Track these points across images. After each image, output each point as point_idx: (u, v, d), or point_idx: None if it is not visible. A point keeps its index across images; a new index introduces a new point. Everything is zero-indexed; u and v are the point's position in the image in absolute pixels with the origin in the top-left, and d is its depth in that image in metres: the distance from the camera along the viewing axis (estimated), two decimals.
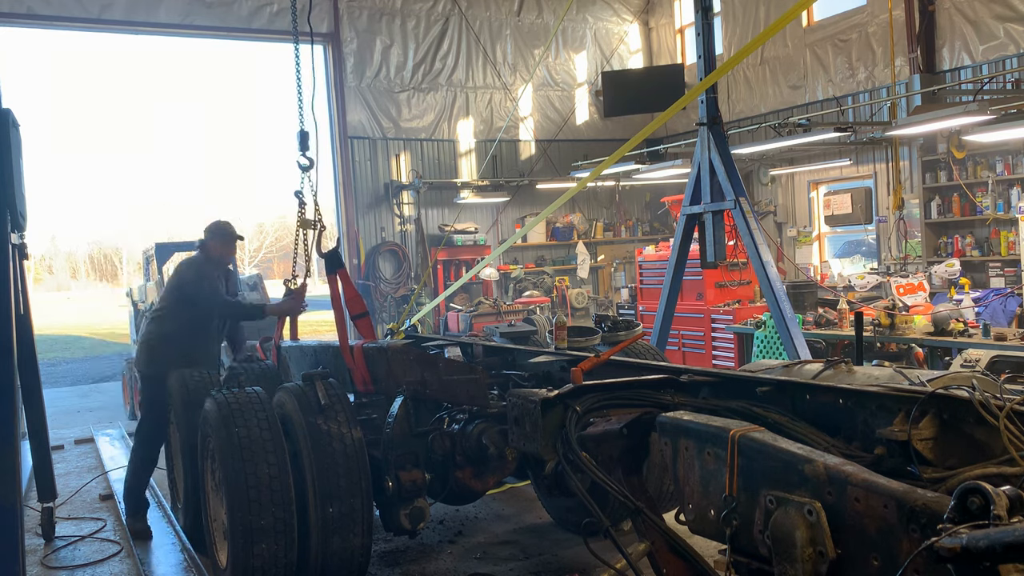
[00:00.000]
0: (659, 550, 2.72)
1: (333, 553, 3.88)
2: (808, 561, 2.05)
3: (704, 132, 7.18)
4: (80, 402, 12.68)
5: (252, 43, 14.34)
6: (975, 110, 7.98)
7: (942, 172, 10.82)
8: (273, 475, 3.82)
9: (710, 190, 7.15)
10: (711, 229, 7.24)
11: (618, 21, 15.72)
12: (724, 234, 7.27)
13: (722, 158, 7.04)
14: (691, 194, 7.36)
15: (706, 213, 7.24)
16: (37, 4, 11.09)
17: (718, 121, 7.15)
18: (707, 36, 7.07)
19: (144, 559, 5.02)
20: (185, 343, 5.65)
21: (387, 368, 4.59)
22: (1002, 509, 1.53)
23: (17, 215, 4.65)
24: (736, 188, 6.95)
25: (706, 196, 7.20)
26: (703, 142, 7.21)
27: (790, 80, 12.90)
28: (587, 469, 2.86)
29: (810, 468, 2.11)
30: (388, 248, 13.70)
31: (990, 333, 6.63)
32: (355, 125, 13.40)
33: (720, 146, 7.07)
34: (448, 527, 5.42)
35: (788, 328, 6.81)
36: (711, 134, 7.11)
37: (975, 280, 9.78)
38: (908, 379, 2.85)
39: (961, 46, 10.45)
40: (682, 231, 7.52)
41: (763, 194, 13.53)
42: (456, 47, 14.23)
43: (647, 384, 3.24)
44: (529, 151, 14.96)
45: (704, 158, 7.19)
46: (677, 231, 7.75)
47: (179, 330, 5.67)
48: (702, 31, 7.09)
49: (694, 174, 7.34)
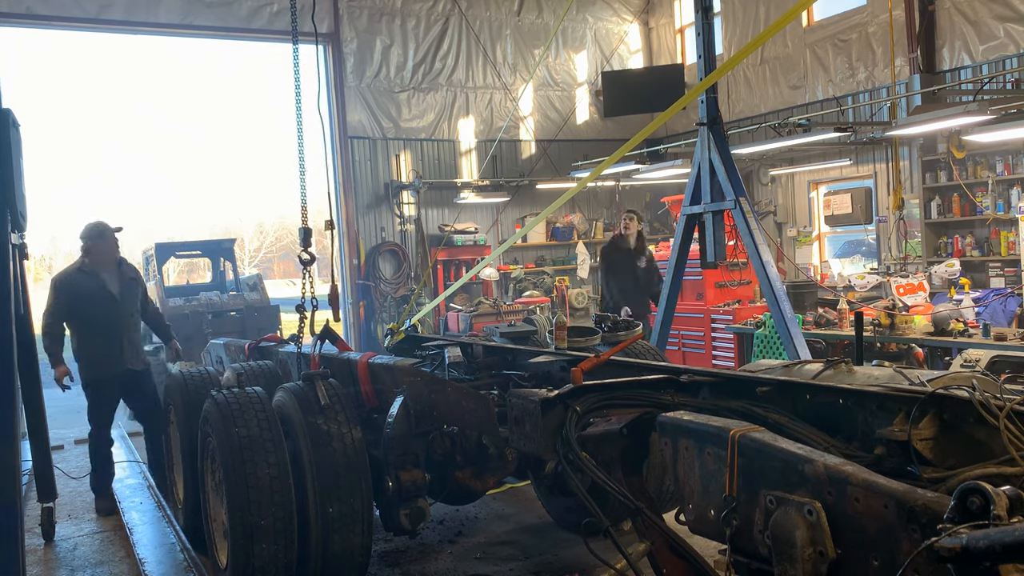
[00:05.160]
0: (659, 550, 2.72)
1: (333, 553, 3.88)
2: (808, 561, 2.05)
3: (704, 132, 7.16)
4: (80, 402, 12.62)
5: (252, 43, 14.33)
6: (975, 110, 7.98)
7: (942, 172, 10.82)
8: (273, 475, 3.82)
9: (710, 190, 7.14)
10: (711, 229, 7.22)
11: (618, 21, 15.72)
12: (724, 234, 7.26)
13: (722, 158, 7.03)
14: (691, 194, 7.35)
15: (706, 213, 7.23)
16: (36, 4, 11.08)
17: (718, 121, 7.14)
18: (707, 36, 7.06)
19: (144, 559, 5.01)
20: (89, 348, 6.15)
21: (392, 385, 4.55)
22: (1002, 509, 1.53)
23: (17, 215, 4.65)
24: (736, 188, 6.93)
25: (706, 196, 7.19)
26: (703, 142, 7.20)
27: (790, 80, 12.90)
28: (587, 469, 2.86)
29: (810, 468, 2.11)
30: (388, 248, 13.70)
31: (990, 333, 6.64)
32: (355, 125, 13.40)
33: (720, 146, 7.06)
34: (448, 527, 5.42)
35: (788, 328, 6.80)
36: (711, 134, 7.10)
37: (975, 280, 9.78)
38: (908, 379, 2.85)
39: (961, 46, 10.45)
40: (682, 231, 7.51)
41: (763, 194, 13.53)
42: (456, 47, 14.22)
43: (647, 384, 3.24)
44: (529, 151, 14.96)
45: (704, 158, 7.18)
46: (677, 231, 7.74)
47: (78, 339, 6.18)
48: (702, 31, 7.07)
49: (694, 174, 7.33)
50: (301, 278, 5.00)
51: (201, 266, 31.95)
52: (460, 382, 4.42)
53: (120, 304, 6.22)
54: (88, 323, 6.07)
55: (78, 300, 6.04)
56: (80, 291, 6.05)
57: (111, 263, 6.25)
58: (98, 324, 6.08)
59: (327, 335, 5.06)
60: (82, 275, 6.12)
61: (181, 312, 11.23)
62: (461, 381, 4.53)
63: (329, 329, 5.11)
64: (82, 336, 6.14)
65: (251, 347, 6.41)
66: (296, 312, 4.84)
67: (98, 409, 6.25)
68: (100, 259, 6.17)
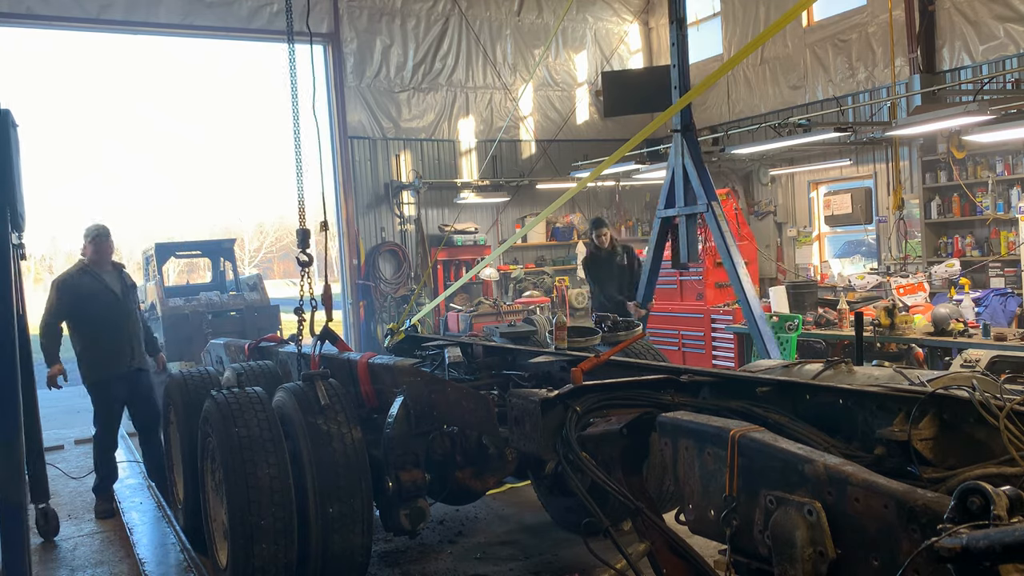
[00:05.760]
0: (659, 550, 2.72)
1: (333, 553, 3.87)
2: (808, 561, 2.05)
3: (678, 139, 7.48)
4: (80, 402, 12.62)
5: (252, 43, 14.32)
6: (975, 110, 7.99)
7: (942, 172, 10.82)
8: (273, 475, 3.82)
9: (684, 195, 7.49)
10: (684, 232, 7.60)
11: (618, 21, 15.72)
12: (697, 236, 7.66)
13: (695, 164, 7.36)
14: (666, 198, 7.72)
15: (680, 217, 7.59)
16: (36, 4, 11.07)
17: (691, 128, 7.47)
18: (681, 46, 7.42)
19: (144, 559, 5.02)
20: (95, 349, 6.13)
21: (392, 385, 4.55)
22: (1002, 509, 1.53)
23: (17, 215, 4.64)
24: (708, 193, 7.26)
25: (680, 200, 7.55)
26: (677, 148, 7.53)
27: (790, 80, 12.90)
28: (587, 469, 2.85)
29: (810, 468, 2.11)
30: (388, 248, 13.69)
31: (990, 333, 6.63)
32: (355, 125, 13.40)
33: (693, 152, 7.39)
34: (448, 527, 5.42)
35: (759, 327, 7.16)
36: (684, 140, 7.43)
37: (975, 280, 9.78)
38: (908, 379, 2.85)
39: (961, 46, 10.45)
40: (657, 234, 7.89)
41: (763, 194, 13.52)
42: (456, 47, 14.22)
43: (647, 384, 3.24)
44: (529, 151, 14.96)
45: (678, 164, 7.50)
46: (652, 234, 8.15)
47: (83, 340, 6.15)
48: (677, 41, 7.42)
49: (668, 179, 7.69)
50: (300, 279, 5.02)
51: (201, 266, 31.96)
52: (460, 382, 4.42)
53: (123, 303, 6.25)
54: (93, 323, 6.08)
55: (82, 300, 6.05)
56: (84, 291, 6.06)
57: (110, 264, 6.32)
58: (103, 324, 6.09)
59: (327, 335, 5.06)
60: (85, 275, 6.14)
61: (181, 312, 11.23)
62: (461, 381, 4.53)
63: (329, 329, 5.11)
64: (86, 336, 6.12)
65: (251, 347, 6.41)
66: (295, 315, 4.85)
67: (104, 410, 6.22)
68: (102, 259, 6.22)
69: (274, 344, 6.25)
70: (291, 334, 5.38)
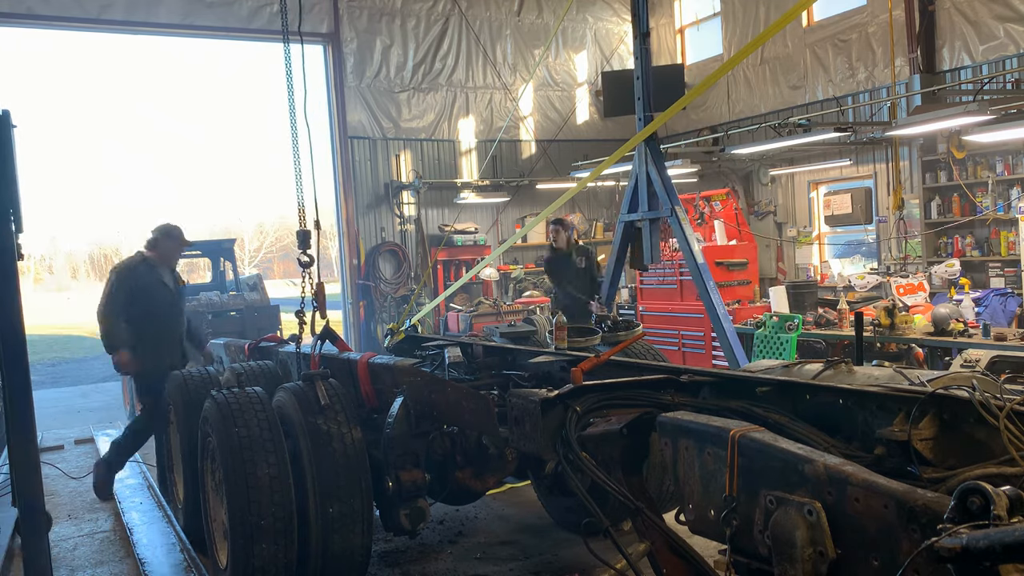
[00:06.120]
0: (659, 550, 2.72)
1: (333, 553, 3.87)
2: (808, 561, 2.05)
3: (641, 147, 7.80)
4: (80, 402, 12.69)
5: (252, 43, 14.32)
6: (975, 110, 7.98)
7: (942, 172, 10.82)
8: (273, 475, 3.82)
9: (647, 199, 7.87)
10: (647, 235, 7.95)
11: (618, 21, 15.71)
12: (659, 239, 8.00)
13: (659, 170, 7.74)
14: (628, 203, 8.09)
15: (643, 220, 7.95)
16: (36, 4, 11.07)
17: (654, 137, 7.82)
18: (644, 59, 7.88)
19: (144, 559, 5.02)
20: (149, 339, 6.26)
21: (392, 385, 4.55)
22: (1002, 509, 1.53)
23: (20, 215, 4.65)
24: (672, 197, 7.63)
25: (643, 205, 7.93)
26: (640, 156, 7.88)
27: (790, 80, 12.90)
28: (587, 469, 2.85)
29: (810, 468, 2.11)
30: (388, 248, 13.69)
31: (990, 333, 6.64)
32: (355, 125, 13.40)
33: (656, 159, 7.78)
34: (448, 527, 5.42)
35: (723, 327, 7.51)
36: (648, 149, 7.78)
37: (975, 280, 9.78)
38: (908, 379, 2.85)
39: (961, 46, 10.45)
40: (620, 237, 8.24)
41: (763, 194, 13.52)
42: (456, 47, 14.22)
43: (647, 384, 3.24)
44: (529, 151, 14.96)
45: (642, 171, 7.88)
46: (615, 237, 8.48)
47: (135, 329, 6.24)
48: (640, 55, 7.87)
49: (631, 185, 8.06)
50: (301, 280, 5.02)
51: (201, 266, 31.95)
52: (460, 382, 4.42)
53: (177, 300, 6.46)
54: (146, 315, 6.20)
55: (139, 291, 6.19)
56: (142, 282, 6.21)
57: (171, 263, 6.52)
58: (157, 317, 6.24)
59: (327, 335, 5.06)
60: (145, 267, 6.29)
61: None
62: (461, 381, 4.53)
63: (329, 329, 5.11)
64: (139, 326, 6.21)
65: (251, 347, 6.41)
66: (296, 317, 4.85)
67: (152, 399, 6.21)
68: (163, 257, 6.40)
69: (274, 344, 6.25)
70: (291, 334, 5.38)
